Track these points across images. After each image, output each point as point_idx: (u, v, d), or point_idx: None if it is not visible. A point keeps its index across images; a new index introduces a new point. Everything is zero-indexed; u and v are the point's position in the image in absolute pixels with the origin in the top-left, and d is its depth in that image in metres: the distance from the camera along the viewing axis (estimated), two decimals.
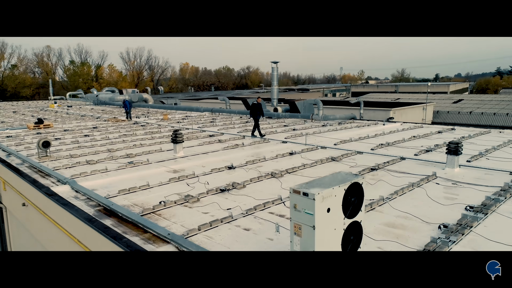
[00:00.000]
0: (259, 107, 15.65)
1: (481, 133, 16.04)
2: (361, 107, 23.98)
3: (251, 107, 15.76)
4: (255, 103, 15.84)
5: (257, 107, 15.61)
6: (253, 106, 15.74)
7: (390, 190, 8.10)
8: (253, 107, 15.69)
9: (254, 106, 15.70)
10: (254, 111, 15.60)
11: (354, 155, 11.99)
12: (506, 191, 7.71)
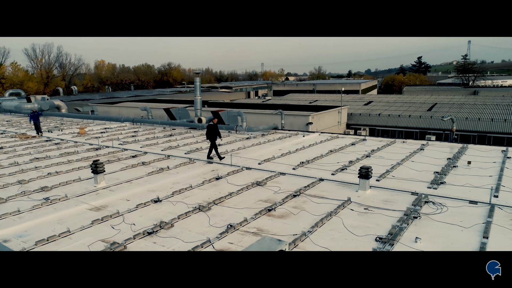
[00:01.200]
0: (215, 128, 15.08)
1: (387, 144, 17.71)
2: (282, 117, 24.92)
3: (207, 129, 15.11)
4: (211, 124, 15.24)
5: (213, 128, 15.00)
6: (209, 127, 15.07)
7: (311, 221, 8.70)
8: (209, 128, 15.03)
9: (210, 127, 15.05)
10: (210, 132, 14.94)
11: (278, 176, 12.56)
12: (408, 216, 8.75)
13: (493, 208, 9.22)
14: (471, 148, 16.62)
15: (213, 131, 14.86)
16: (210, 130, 14.90)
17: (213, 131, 14.87)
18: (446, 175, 12.24)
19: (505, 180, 11.48)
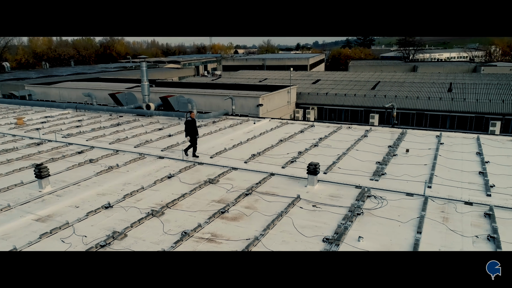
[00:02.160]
0: (193, 123, 14.32)
1: (334, 131, 18.47)
2: (232, 102, 24.92)
3: (185, 125, 14.26)
4: (189, 119, 14.25)
5: (191, 124, 14.25)
6: (188, 123, 14.15)
7: (263, 222, 9.07)
8: (188, 124, 14.14)
9: (189, 123, 14.14)
10: (189, 128, 14.09)
11: (230, 172, 12.77)
12: (352, 213, 9.40)
13: (427, 200, 10.13)
14: (410, 133, 17.81)
15: (191, 127, 14.14)
16: (189, 126, 14.10)
17: (192, 126, 14.15)
18: (387, 164, 13.12)
19: (437, 169, 12.54)
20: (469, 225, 8.83)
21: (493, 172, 12.17)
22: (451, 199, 10.17)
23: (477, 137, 16.63)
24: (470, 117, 32.55)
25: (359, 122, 36.16)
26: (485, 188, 10.81)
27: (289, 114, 37.65)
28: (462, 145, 15.68)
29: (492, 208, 9.45)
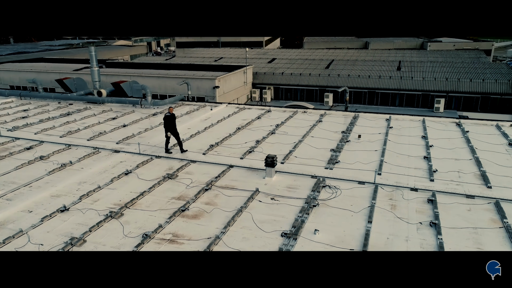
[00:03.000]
0: (173, 119, 13.69)
1: (290, 116, 18.83)
2: (188, 87, 24.52)
3: (164, 121, 13.59)
4: (168, 114, 13.61)
5: (171, 120, 13.61)
6: (167, 119, 13.54)
7: (224, 219, 9.30)
8: (167, 120, 13.54)
9: (168, 119, 13.55)
10: (168, 124, 13.57)
11: (189, 165, 12.79)
12: (309, 205, 9.84)
13: (377, 188, 10.79)
14: (361, 117, 18.57)
15: (171, 123, 13.65)
16: (168, 121, 13.60)
17: (171, 122, 13.66)
18: (341, 152, 13.70)
19: (387, 155, 13.29)
20: (414, 211, 9.56)
21: (436, 156, 13.10)
22: (399, 186, 10.89)
23: (423, 120, 17.68)
24: (417, 95, 34.26)
25: (314, 101, 37.01)
26: (429, 174, 11.66)
27: (246, 94, 37.70)
28: (409, 128, 16.63)
29: (434, 194, 10.27)
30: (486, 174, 11.45)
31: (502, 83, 32.14)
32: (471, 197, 10.18)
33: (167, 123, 13.54)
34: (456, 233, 8.52)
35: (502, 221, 8.95)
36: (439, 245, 7.95)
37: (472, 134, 15.51)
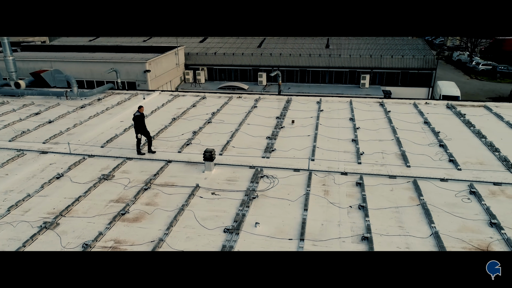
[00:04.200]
0: (142, 119, 12.89)
1: (225, 103, 18.92)
2: (117, 75, 23.40)
3: (134, 121, 12.78)
4: (138, 114, 12.79)
5: (140, 120, 12.81)
6: (136, 119, 12.75)
7: (166, 220, 9.37)
8: (137, 120, 12.75)
9: (137, 119, 12.76)
10: (138, 125, 12.80)
11: (125, 163, 12.50)
12: (248, 197, 10.24)
13: (311, 174, 11.47)
14: (294, 100, 19.23)
15: (141, 123, 12.83)
16: (138, 122, 12.80)
17: (141, 122, 12.85)
18: (276, 139, 14.22)
19: (319, 140, 14.05)
20: (345, 196, 10.38)
21: (362, 138, 14.13)
22: (330, 171, 11.68)
23: (350, 101, 18.79)
24: (345, 72, 35.99)
25: (248, 81, 37.32)
26: (357, 157, 12.61)
27: (179, 76, 36.90)
28: (338, 110, 17.62)
29: (362, 177, 11.18)
30: (405, 154, 12.66)
31: (418, 59, 34.83)
32: (393, 177, 11.26)
33: (137, 123, 12.81)
34: (381, 214, 9.47)
35: (419, 198, 10.08)
36: (367, 227, 8.82)
37: (393, 113, 16.87)
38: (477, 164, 12.01)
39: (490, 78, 49.71)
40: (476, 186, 10.51)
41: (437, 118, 16.17)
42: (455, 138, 13.98)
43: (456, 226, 8.92)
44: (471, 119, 15.89)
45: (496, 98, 41.63)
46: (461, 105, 18.05)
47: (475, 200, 9.97)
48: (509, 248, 8.00)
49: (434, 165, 11.89)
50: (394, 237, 8.55)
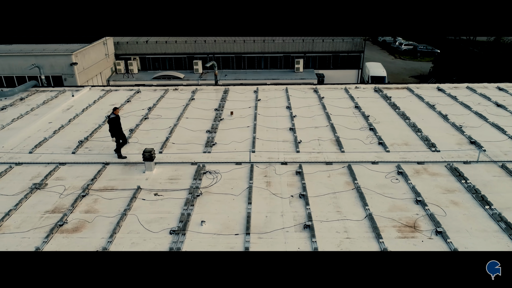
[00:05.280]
0: (117, 121, 12.16)
1: (162, 96, 18.48)
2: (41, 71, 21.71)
3: (109, 124, 12.08)
4: (113, 116, 12.09)
5: (116, 122, 12.11)
6: (112, 122, 12.06)
7: (108, 227, 9.11)
8: (112, 123, 12.05)
9: (113, 121, 12.06)
10: (114, 128, 12.09)
11: (58, 169, 11.83)
12: (192, 195, 10.26)
13: (252, 167, 11.72)
14: (232, 91, 19.29)
15: (116, 125, 12.13)
16: (114, 124, 12.07)
17: (117, 125, 12.13)
18: (216, 132, 14.26)
19: (258, 130, 14.33)
20: (286, 185, 10.79)
21: (299, 126, 14.65)
22: (271, 162, 12.02)
23: (286, 89, 19.27)
24: (279, 57, 36.59)
25: (184, 69, 36.58)
26: (295, 145, 13.08)
27: (110, 67, 35.16)
28: (275, 98, 18.01)
29: (301, 166, 11.67)
30: (339, 140, 13.38)
31: (347, 42, 36.37)
32: (330, 163, 11.88)
33: (113, 126, 12.11)
34: (320, 201, 10.01)
35: (354, 182, 10.78)
36: (308, 215, 9.30)
37: (327, 99, 17.63)
38: (403, 145, 13.05)
39: (412, 57, 53.46)
40: (402, 167, 11.47)
41: (366, 102, 17.18)
42: (383, 121, 15.01)
43: (387, 206, 9.72)
44: (396, 101, 17.12)
45: (417, 76, 45.00)
46: (387, 88, 19.32)
47: (402, 180, 10.89)
48: (432, 222, 8.95)
49: (366, 149, 12.72)
50: (333, 222, 9.13)
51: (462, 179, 10.71)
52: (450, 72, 38.26)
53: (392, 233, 8.71)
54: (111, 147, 13.12)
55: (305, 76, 34.33)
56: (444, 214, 9.28)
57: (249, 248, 8.25)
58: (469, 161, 11.75)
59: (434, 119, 15.14)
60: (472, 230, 8.75)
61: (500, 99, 17.16)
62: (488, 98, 17.34)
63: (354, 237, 8.61)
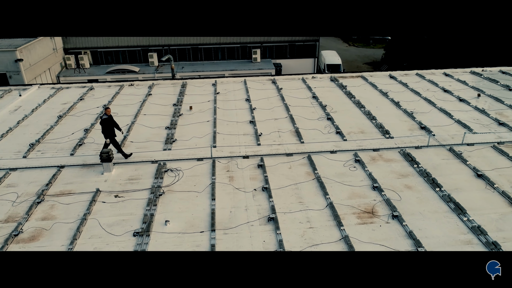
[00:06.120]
0: (110, 122, 11.58)
1: (116, 92, 17.90)
2: None
3: (101, 125, 11.55)
4: (105, 117, 11.52)
5: (108, 123, 11.52)
6: (104, 122, 11.49)
7: (68, 233, 8.80)
8: (104, 123, 11.49)
9: (105, 122, 11.49)
10: (106, 129, 11.52)
11: (8, 175, 11.22)
12: (155, 195, 10.11)
13: (214, 162, 11.71)
14: (190, 84, 19.02)
15: (109, 126, 11.55)
16: (106, 125, 11.49)
17: (109, 125, 11.55)
18: (176, 128, 14.07)
19: (219, 124, 14.29)
20: (248, 179, 10.90)
21: (259, 119, 14.76)
22: (233, 156, 12.07)
23: (244, 81, 19.27)
24: (236, 48, 36.43)
25: (139, 63, 35.61)
26: (256, 138, 13.19)
27: (59, 62, 33.52)
28: (234, 91, 17.99)
29: (262, 158, 11.80)
30: (299, 130, 13.64)
31: None
32: (290, 155, 12.11)
33: (105, 127, 11.57)
34: (282, 193, 10.21)
35: (314, 172, 11.08)
36: (272, 208, 9.47)
37: (285, 90, 17.84)
38: (359, 133, 13.53)
39: (365, 44, 55.05)
40: (359, 154, 11.92)
41: (323, 92, 17.58)
42: (339, 110, 15.45)
43: (347, 194, 10.10)
44: (352, 90, 17.65)
45: (370, 62, 46.49)
46: (342, 77, 19.84)
47: (359, 168, 11.33)
48: (388, 206, 9.43)
49: (324, 139, 13.07)
50: (296, 213, 9.37)
51: (414, 163, 11.31)
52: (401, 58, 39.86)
53: (352, 220, 9.09)
54: (65, 149, 12.63)
55: (262, 66, 34.47)
56: (399, 199, 9.79)
57: (215, 245, 8.31)
58: (420, 146, 12.41)
59: (387, 107, 15.79)
60: (425, 212, 9.31)
61: (446, 84, 18.15)
62: (435, 84, 18.28)
63: (317, 226, 8.89)
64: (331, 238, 8.48)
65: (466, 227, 8.70)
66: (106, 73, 32.75)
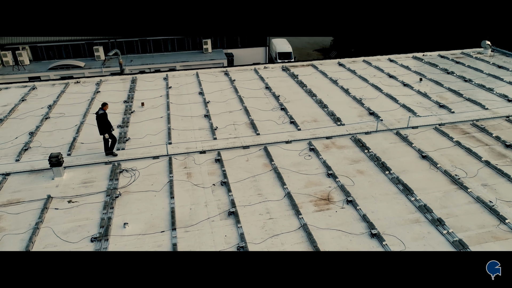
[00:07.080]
0: (105, 117, 11.42)
1: (62, 91, 17.05)
2: None
3: (97, 121, 11.38)
4: (102, 113, 11.37)
5: (104, 119, 11.37)
6: (100, 118, 11.34)
7: (19, 245, 8.41)
8: (100, 119, 11.34)
9: (101, 118, 11.34)
10: (102, 124, 11.38)
11: None
12: (111, 197, 9.86)
13: (171, 159, 11.58)
14: (140, 79, 18.50)
15: (105, 122, 11.40)
16: (102, 121, 11.27)
17: (105, 121, 11.41)
18: (128, 126, 13.71)
19: (173, 120, 14.08)
20: (207, 175, 10.91)
21: (214, 112, 14.72)
22: (189, 152, 12.00)
23: (197, 74, 19.06)
24: (186, 38, 35.72)
25: (84, 57, 34.02)
26: (211, 132, 13.17)
27: None
28: (186, 85, 17.75)
29: (219, 153, 11.84)
30: (254, 122, 13.77)
31: None
32: (247, 147, 12.24)
33: (101, 123, 11.30)
34: (241, 186, 10.35)
35: (271, 163, 11.29)
36: (231, 202, 9.59)
37: (238, 82, 17.87)
38: (312, 122, 13.92)
39: None
40: (313, 143, 12.29)
41: (276, 82, 17.80)
42: (292, 100, 15.76)
43: (303, 183, 10.42)
44: (303, 79, 18.02)
45: (320, 49, 47.51)
46: (293, 66, 20.18)
47: (314, 156, 11.70)
48: (343, 192, 9.86)
49: (279, 129, 13.32)
50: (255, 206, 9.55)
51: (365, 149, 11.86)
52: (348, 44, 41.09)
53: (309, 207, 9.43)
54: (10, 155, 11.94)
55: (214, 57, 34.16)
56: (353, 184, 10.27)
57: (177, 244, 8.30)
58: (370, 131, 13.01)
59: (337, 94, 16.32)
60: (376, 195, 9.85)
61: (391, 70, 19.03)
62: (381, 70, 19.11)
63: (276, 217, 9.13)
64: (291, 227, 8.76)
65: (414, 206, 9.34)
66: (49, 69, 30.98)
